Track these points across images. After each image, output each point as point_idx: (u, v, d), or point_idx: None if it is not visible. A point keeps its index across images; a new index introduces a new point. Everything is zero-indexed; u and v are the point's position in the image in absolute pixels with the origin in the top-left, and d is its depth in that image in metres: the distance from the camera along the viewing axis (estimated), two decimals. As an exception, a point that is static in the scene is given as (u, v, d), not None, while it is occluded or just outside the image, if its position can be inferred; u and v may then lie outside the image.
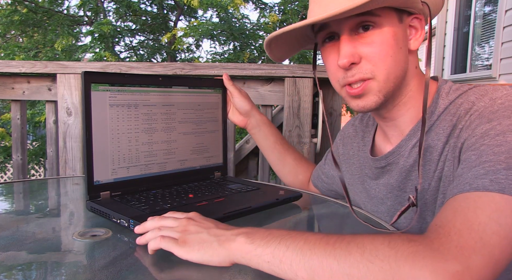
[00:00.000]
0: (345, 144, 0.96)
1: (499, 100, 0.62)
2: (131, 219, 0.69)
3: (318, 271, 0.47)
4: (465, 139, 0.62)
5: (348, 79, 0.69)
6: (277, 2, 5.61)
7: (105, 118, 0.81)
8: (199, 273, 0.55)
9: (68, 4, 9.89)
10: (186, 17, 6.04)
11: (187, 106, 0.97)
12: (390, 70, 0.67)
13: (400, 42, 0.68)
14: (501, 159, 0.53)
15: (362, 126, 0.91)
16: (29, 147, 4.70)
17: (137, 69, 1.59)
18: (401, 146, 0.75)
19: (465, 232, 0.46)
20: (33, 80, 1.68)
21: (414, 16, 0.70)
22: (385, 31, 0.66)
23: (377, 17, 0.65)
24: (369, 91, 0.69)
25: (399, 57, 0.68)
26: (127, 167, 0.86)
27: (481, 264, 0.44)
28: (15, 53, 5.14)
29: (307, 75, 1.53)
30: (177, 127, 0.95)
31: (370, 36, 0.66)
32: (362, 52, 0.67)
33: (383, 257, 0.44)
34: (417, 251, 0.44)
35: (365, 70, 0.67)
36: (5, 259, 0.58)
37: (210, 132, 1.03)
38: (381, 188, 0.80)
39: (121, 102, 0.84)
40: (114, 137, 0.83)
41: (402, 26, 0.69)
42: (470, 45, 4.70)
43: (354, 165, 0.90)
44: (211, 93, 1.04)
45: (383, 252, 0.45)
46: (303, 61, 4.96)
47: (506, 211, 0.49)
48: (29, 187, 1.09)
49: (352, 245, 0.47)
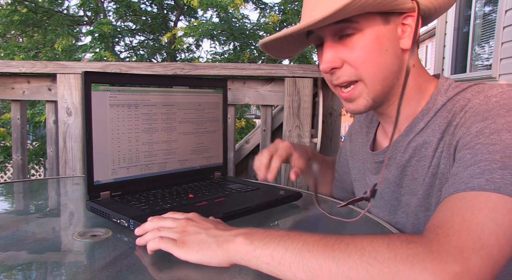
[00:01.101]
0: (352, 140, 0.97)
1: (494, 98, 0.62)
2: (131, 219, 0.69)
3: (317, 273, 0.47)
4: (460, 137, 0.61)
5: (334, 82, 0.71)
6: (277, 2, 5.62)
7: (105, 118, 0.81)
8: (199, 273, 0.55)
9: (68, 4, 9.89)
10: (186, 17, 6.04)
11: (188, 106, 0.97)
12: (374, 74, 0.68)
13: (385, 44, 0.67)
14: (497, 158, 0.53)
15: (367, 121, 0.92)
16: (29, 147, 4.70)
17: (137, 69, 1.59)
18: (398, 142, 0.75)
19: (463, 233, 0.46)
20: (33, 80, 1.68)
21: (406, 14, 0.69)
22: (366, 36, 0.66)
23: (356, 23, 0.65)
24: (359, 95, 0.70)
25: (384, 59, 0.67)
26: (127, 167, 0.86)
27: (480, 264, 0.44)
28: (15, 53, 5.14)
29: (307, 75, 1.53)
30: (177, 127, 0.95)
31: (351, 42, 0.67)
32: (344, 57, 0.68)
33: (382, 260, 0.44)
34: (416, 253, 0.44)
35: (349, 73, 0.68)
36: (5, 259, 0.58)
37: (210, 132, 1.03)
38: (384, 184, 0.80)
39: (121, 102, 0.84)
40: (114, 137, 0.83)
41: (390, 27, 0.67)
42: (470, 45, 4.70)
43: (359, 160, 0.91)
44: (212, 93, 1.04)
45: (382, 254, 0.45)
46: (303, 61, 4.97)
47: (503, 211, 0.49)
48: (29, 187, 1.09)
49: (351, 247, 0.47)
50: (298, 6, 5.39)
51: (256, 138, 1.93)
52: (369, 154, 0.84)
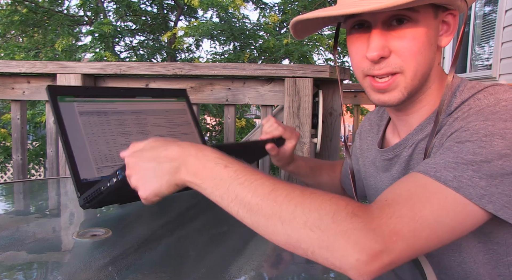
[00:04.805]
0: (362, 138, 0.96)
1: (504, 102, 0.61)
2: (118, 170, 0.67)
3: (263, 226, 0.50)
4: (456, 130, 0.61)
5: (375, 72, 0.67)
6: (277, 2, 5.62)
7: (78, 124, 0.84)
8: (199, 273, 0.55)
9: (68, 4, 9.90)
10: (186, 17, 6.04)
11: (156, 113, 0.99)
12: (418, 67, 0.66)
13: (431, 39, 0.66)
14: (476, 161, 0.54)
15: (377, 119, 0.91)
16: (29, 147, 4.70)
17: (137, 69, 1.59)
18: (408, 140, 0.75)
19: (405, 220, 0.50)
20: (33, 80, 1.68)
21: (449, 12, 0.68)
22: (419, 27, 0.64)
23: (416, 12, 0.63)
24: (395, 87, 0.67)
25: (429, 54, 0.66)
26: (112, 165, 0.88)
27: (402, 250, 0.49)
28: (15, 53, 5.14)
29: (307, 75, 1.53)
30: (151, 130, 0.97)
31: (403, 30, 0.64)
32: (393, 46, 0.65)
33: (324, 228, 0.48)
34: (355, 229, 0.47)
35: (394, 64, 0.66)
36: (5, 259, 0.58)
37: (186, 134, 1.05)
38: (388, 181, 0.80)
39: (90, 110, 0.87)
40: (91, 140, 0.85)
41: (436, 22, 0.67)
42: (470, 45, 4.70)
43: (368, 158, 0.90)
44: (176, 101, 1.05)
45: (326, 224, 0.48)
46: (303, 61, 4.97)
47: (450, 211, 0.52)
48: (29, 187, 1.09)
49: (299, 210, 0.49)
50: (298, 6, 5.40)
51: (256, 138, 1.93)
52: (378, 151, 0.84)
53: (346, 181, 1.05)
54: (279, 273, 0.60)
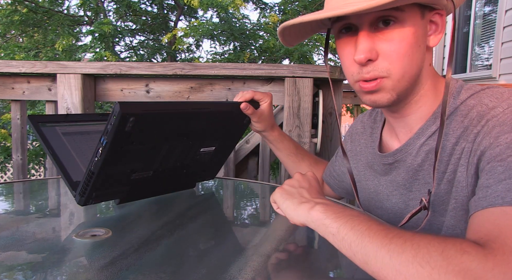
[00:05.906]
0: (353, 140, 0.95)
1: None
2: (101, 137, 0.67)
3: (372, 259, 0.50)
4: (486, 147, 0.60)
5: (363, 76, 0.67)
6: (277, 2, 5.62)
7: (64, 143, 0.87)
8: (199, 273, 0.55)
9: (68, 4, 9.90)
10: (186, 17, 6.05)
11: None
12: (406, 69, 0.66)
13: (419, 40, 0.66)
14: None
15: (370, 122, 0.91)
16: (29, 147, 4.70)
17: (137, 69, 1.59)
18: (409, 144, 0.74)
19: None
20: (33, 80, 1.68)
21: (436, 12, 0.68)
22: (406, 28, 0.64)
23: (401, 12, 0.63)
24: (383, 88, 0.67)
25: (417, 55, 0.66)
26: None
27: None
28: (15, 53, 5.14)
29: (307, 75, 1.53)
30: None
31: (390, 32, 0.64)
32: (380, 49, 0.65)
33: (434, 266, 0.45)
34: (470, 269, 0.44)
35: (381, 68, 0.66)
36: (5, 259, 0.58)
37: None
38: (388, 185, 0.80)
39: (72, 131, 0.91)
40: (79, 153, 0.89)
41: (423, 22, 0.66)
42: (470, 45, 4.70)
43: (361, 161, 0.90)
44: None
45: (435, 260, 0.46)
46: (303, 61, 4.97)
47: None
48: (29, 187, 1.09)
49: (408, 244, 0.48)
50: (298, 6, 5.40)
51: (256, 138, 1.93)
52: (378, 155, 0.83)
53: (332, 181, 1.05)
54: (279, 274, 0.60)
